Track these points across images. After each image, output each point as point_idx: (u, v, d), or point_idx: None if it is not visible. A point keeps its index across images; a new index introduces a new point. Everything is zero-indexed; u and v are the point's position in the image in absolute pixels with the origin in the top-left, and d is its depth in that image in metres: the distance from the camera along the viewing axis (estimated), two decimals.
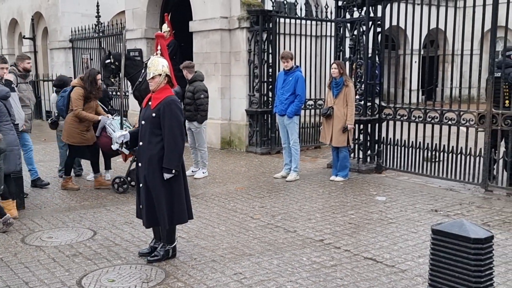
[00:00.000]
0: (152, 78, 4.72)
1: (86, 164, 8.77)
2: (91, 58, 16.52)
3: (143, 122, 4.77)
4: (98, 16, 15.96)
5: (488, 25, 7.10)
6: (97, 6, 15.92)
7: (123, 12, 15.26)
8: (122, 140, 4.86)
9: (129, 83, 11.97)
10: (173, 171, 4.65)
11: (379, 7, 8.51)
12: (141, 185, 4.81)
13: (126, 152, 5.08)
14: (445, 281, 2.19)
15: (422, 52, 8.79)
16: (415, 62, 13.29)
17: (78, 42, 17.12)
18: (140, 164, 4.80)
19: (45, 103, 18.42)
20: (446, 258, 2.19)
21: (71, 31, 17.20)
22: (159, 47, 4.79)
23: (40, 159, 10.26)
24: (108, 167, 8.51)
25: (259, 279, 4.42)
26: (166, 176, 4.66)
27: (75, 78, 15.36)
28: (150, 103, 4.79)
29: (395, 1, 8.30)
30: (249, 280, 4.40)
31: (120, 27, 14.72)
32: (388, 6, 8.38)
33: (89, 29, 16.27)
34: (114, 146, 4.91)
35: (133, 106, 13.80)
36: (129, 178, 7.43)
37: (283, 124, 8.40)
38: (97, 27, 15.99)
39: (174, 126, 4.65)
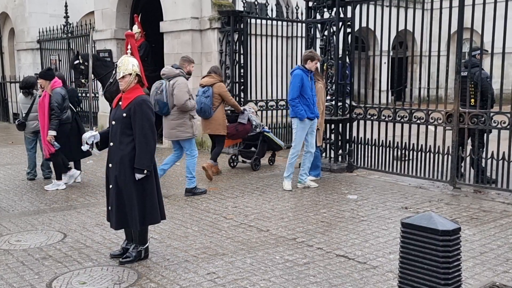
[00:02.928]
0: (122, 77, 4.68)
1: None
2: (59, 59, 16.26)
3: (113, 122, 4.72)
4: (66, 17, 15.72)
5: (454, 27, 7.26)
6: (66, 6, 15.69)
7: (92, 12, 15.05)
8: (93, 141, 4.79)
9: (99, 84, 11.83)
10: (145, 171, 4.62)
11: (349, 8, 8.61)
12: (111, 186, 4.75)
13: (97, 153, 5.01)
14: (415, 272, 2.24)
15: (391, 53, 8.92)
16: (384, 63, 13.49)
17: (46, 43, 16.83)
18: (110, 164, 4.74)
19: (12, 105, 18.05)
20: (415, 250, 2.24)
21: (39, 32, 16.89)
22: (129, 47, 4.75)
23: (8, 162, 10.05)
24: (78, 169, 8.38)
25: (233, 278, 4.42)
26: (138, 176, 4.62)
27: None
28: (120, 103, 4.74)
29: (364, 2, 8.41)
30: (223, 280, 4.39)
31: (90, 27, 14.53)
32: (358, 7, 8.49)
33: (57, 29, 16.00)
34: (84, 147, 4.83)
35: (103, 107, 13.62)
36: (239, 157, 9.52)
37: (310, 128, 7.72)
38: (65, 27, 15.75)
39: (145, 126, 4.61)
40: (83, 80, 11.06)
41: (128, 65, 4.67)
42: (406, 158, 8.08)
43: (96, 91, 13.91)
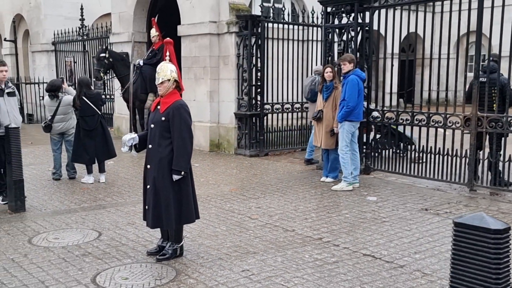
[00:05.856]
0: (161, 83, 4.87)
1: (80, 167, 8.84)
2: (75, 61, 16.51)
3: (152, 125, 4.92)
4: (82, 19, 15.95)
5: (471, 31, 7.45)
6: (81, 9, 15.93)
7: (106, 15, 15.33)
8: (132, 143, 5.00)
9: (118, 83, 12.12)
10: (182, 172, 4.82)
11: (367, 13, 8.80)
12: (148, 186, 4.95)
13: (135, 155, 5.21)
14: (467, 269, 2.43)
15: (404, 57, 9.09)
16: (392, 65, 13.63)
17: (61, 45, 17.08)
18: (149, 166, 4.95)
19: (27, 106, 18.31)
20: (467, 248, 2.44)
21: (54, 34, 17.14)
22: (167, 53, 4.95)
23: (30, 162, 10.27)
24: (102, 170, 8.59)
25: (267, 275, 4.61)
26: (175, 177, 4.82)
27: None
28: (158, 107, 4.94)
29: (383, 7, 8.59)
30: (257, 276, 4.59)
31: (105, 30, 14.77)
32: (376, 12, 8.67)
33: (72, 32, 16.25)
34: (124, 149, 5.04)
35: (119, 109, 13.86)
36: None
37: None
38: (81, 30, 15.98)
39: (184, 130, 4.82)
40: (102, 74, 11.41)
41: (166, 71, 4.87)
42: (421, 161, 8.25)
43: (112, 93, 14.18)
